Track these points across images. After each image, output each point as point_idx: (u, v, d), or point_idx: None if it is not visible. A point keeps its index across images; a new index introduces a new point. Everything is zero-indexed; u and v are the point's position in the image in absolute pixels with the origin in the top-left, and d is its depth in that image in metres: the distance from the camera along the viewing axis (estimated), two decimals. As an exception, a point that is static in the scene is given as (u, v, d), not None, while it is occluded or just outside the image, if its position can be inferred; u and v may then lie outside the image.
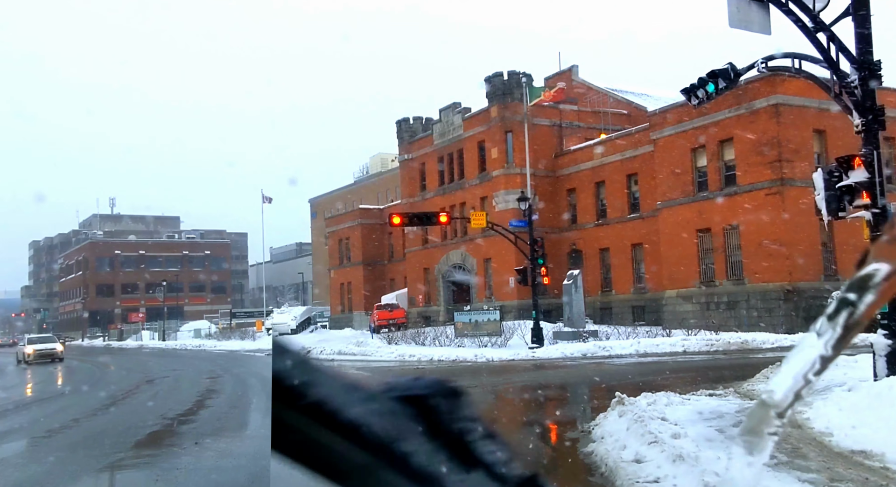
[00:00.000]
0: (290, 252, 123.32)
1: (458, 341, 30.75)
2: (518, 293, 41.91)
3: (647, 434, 6.71)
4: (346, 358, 31.37)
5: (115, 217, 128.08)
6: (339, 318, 62.92)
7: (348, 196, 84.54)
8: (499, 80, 42.89)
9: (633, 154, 38.49)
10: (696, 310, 32.85)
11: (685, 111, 33.57)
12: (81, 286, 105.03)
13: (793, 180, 29.83)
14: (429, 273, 50.10)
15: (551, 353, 25.44)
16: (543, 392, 16.91)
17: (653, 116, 35.61)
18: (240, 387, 20.51)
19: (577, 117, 44.79)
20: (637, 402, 8.80)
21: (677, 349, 24.84)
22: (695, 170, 33.47)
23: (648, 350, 24.91)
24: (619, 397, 8.96)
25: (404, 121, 51.73)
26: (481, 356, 26.16)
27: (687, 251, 33.53)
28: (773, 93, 29.77)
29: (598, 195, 41.22)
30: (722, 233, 32.10)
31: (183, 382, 23.29)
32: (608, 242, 40.19)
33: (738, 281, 31.41)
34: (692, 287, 33.26)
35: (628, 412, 7.97)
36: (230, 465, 8.90)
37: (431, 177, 49.45)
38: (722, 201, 31.98)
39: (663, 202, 34.71)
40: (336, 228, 65.23)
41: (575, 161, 42.36)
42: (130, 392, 20.81)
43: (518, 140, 42.59)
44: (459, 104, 47.30)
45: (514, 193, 42.23)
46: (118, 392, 20.62)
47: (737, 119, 31.12)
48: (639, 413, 7.67)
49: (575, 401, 14.90)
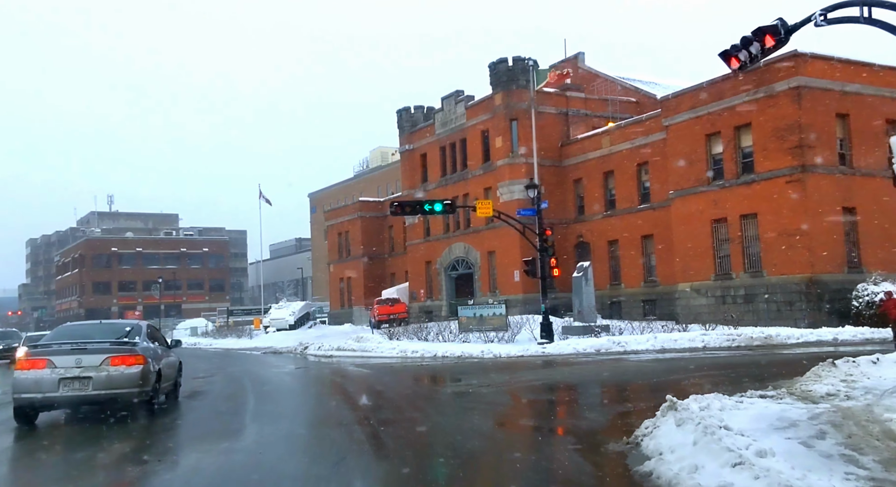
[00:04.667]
0: (289, 247, 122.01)
1: (462, 336, 29.27)
2: (523, 286, 40.48)
3: (725, 452, 5.24)
4: (344, 355, 29.91)
5: (114, 214, 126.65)
6: (339, 314, 61.48)
7: (348, 190, 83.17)
8: (503, 66, 41.34)
9: (643, 142, 36.99)
10: (710, 304, 31.40)
11: (699, 96, 32.10)
12: (78, 284, 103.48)
13: (814, 167, 28.33)
14: (430, 266, 48.62)
15: (563, 349, 23.96)
16: (564, 392, 15.25)
17: (665, 101, 34.05)
18: (232, 387, 19.04)
19: (583, 105, 43.24)
20: (689, 406, 7.33)
21: (696, 344, 23.37)
22: (710, 158, 31.94)
23: (666, 345, 23.45)
24: (670, 401, 7.45)
25: (405, 110, 50.16)
26: (488, 352, 24.69)
27: (701, 242, 32.03)
28: (795, 74, 28.25)
29: (606, 185, 39.72)
30: (739, 222, 30.59)
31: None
32: (617, 234, 38.70)
33: (756, 273, 29.92)
34: (707, 280, 31.77)
35: (687, 420, 6.51)
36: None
37: (433, 167, 47.92)
38: (739, 189, 30.49)
39: (676, 191, 33.20)
40: (335, 221, 63.75)
41: (582, 150, 40.84)
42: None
43: (523, 128, 41.05)
44: (462, 92, 45.74)
45: (518, 183, 40.80)
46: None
47: (755, 103, 29.59)
48: (704, 422, 6.19)
49: (603, 404, 13.29)
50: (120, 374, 11.50)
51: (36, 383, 11.29)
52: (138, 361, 11.74)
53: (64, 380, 11.34)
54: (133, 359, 11.72)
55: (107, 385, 11.43)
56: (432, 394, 16.38)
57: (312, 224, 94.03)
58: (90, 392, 11.39)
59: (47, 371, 11.33)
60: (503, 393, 15.05)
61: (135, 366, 11.65)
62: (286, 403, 15.32)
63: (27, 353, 12.05)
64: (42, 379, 11.28)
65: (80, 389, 11.35)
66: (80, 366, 11.41)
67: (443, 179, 46.58)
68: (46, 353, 11.69)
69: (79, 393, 11.35)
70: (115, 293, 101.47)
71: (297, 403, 15.71)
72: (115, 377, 11.48)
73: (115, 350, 11.81)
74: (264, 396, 16.44)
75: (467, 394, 15.26)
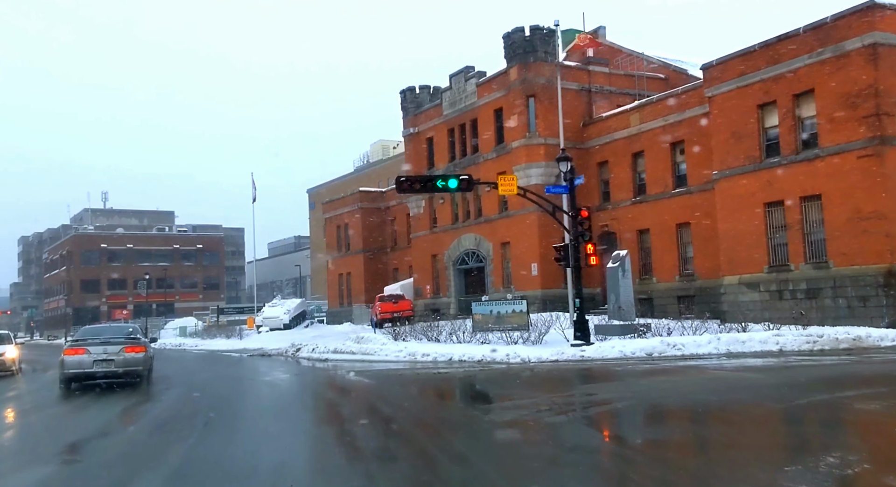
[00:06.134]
0: (288, 246, 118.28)
1: (480, 336, 25.10)
2: (542, 281, 36.36)
3: None
4: (343, 358, 25.81)
5: (108, 211, 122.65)
6: (338, 312, 57.31)
7: (348, 185, 79.14)
8: (519, 36, 37.14)
9: (678, 118, 32.81)
10: (764, 300, 27.21)
11: (751, 60, 27.92)
12: (66, 282, 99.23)
13: (894, 138, 24.14)
14: (437, 260, 44.44)
15: (605, 352, 19.81)
16: (696, 427, 9.83)
17: (709, 69, 29.79)
18: (179, 407, 14.75)
19: (607, 81, 39.03)
20: None
21: (769, 347, 19.22)
22: (762, 132, 27.74)
23: (732, 348, 19.28)
24: None
25: (409, 90, 45.96)
26: (514, 355, 20.54)
27: (752, 229, 27.84)
28: (871, 30, 24.05)
29: (635, 168, 35.52)
30: (798, 206, 26.39)
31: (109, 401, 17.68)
32: (648, 222, 34.51)
33: (821, 264, 25.72)
34: (759, 272, 27.57)
35: None
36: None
37: (440, 152, 43.74)
38: (798, 167, 26.31)
39: (721, 171, 29.01)
40: (334, 213, 59.61)
41: (608, 129, 36.65)
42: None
43: (542, 105, 36.88)
44: (472, 68, 41.57)
45: (536, 167, 36.68)
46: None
47: (820, 65, 25.42)
48: None
49: (803, 460, 7.60)
50: (132, 358, 17.51)
51: (79, 363, 17.24)
52: (143, 349, 18.17)
53: (97, 361, 17.31)
54: (140, 348, 17.95)
55: (124, 364, 17.45)
56: (472, 426, 10.92)
57: (311, 221, 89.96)
58: (112, 368, 17.39)
59: (85, 355, 17.23)
60: (582, 425, 10.35)
61: (141, 353, 17.86)
62: (238, 446, 9.81)
63: (71, 345, 18.10)
64: (83, 360, 17.22)
65: (107, 367, 17.33)
66: (106, 353, 17.36)
67: (451, 164, 42.36)
68: (84, 344, 17.65)
69: (106, 369, 17.31)
70: (105, 291, 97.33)
71: (254, 445, 9.90)
72: (129, 359, 17.47)
73: (128, 342, 17.93)
74: (213, 430, 11.28)
75: (525, 426, 10.32)
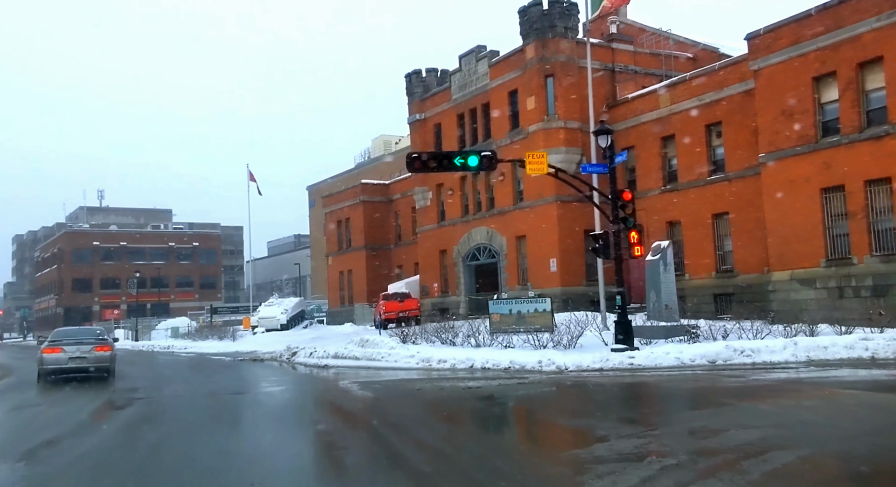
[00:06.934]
0: (288, 244, 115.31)
1: (501, 339, 21.87)
2: (562, 278, 33.20)
3: None
4: (345, 364, 22.63)
5: (103, 209, 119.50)
6: (338, 312, 54.07)
7: (349, 181, 75.69)
8: (536, 10, 33.95)
9: (714, 97, 29.64)
10: (821, 298, 23.98)
11: (806, 26, 24.73)
12: (57, 281, 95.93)
13: (979, 110, 20.97)
14: (445, 256, 41.23)
15: (659, 359, 16.59)
16: None
17: (755, 39, 26.55)
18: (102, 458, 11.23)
19: (632, 60, 35.86)
20: None
21: (858, 354, 15.99)
22: (818, 108, 24.54)
23: (812, 354, 16.07)
24: None
25: (415, 73, 42.78)
26: (548, 362, 17.33)
27: (806, 219, 24.65)
28: (954, -15, 20.92)
29: (664, 153, 32.34)
30: (863, 191, 23.17)
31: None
32: (679, 213, 31.33)
33: (890, 256, 22.53)
34: (815, 266, 24.38)
35: None
36: None
37: (449, 139, 40.54)
38: (862, 147, 23.11)
39: (769, 153, 25.81)
40: (334, 208, 56.39)
41: (634, 111, 33.45)
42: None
43: (561, 86, 33.70)
44: (484, 47, 38.38)
45: (556, 153, 33.45)
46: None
47: (890, 29, 22.23)
48: None
49: None
50: (102, 355, 21.18)
51: (56, 360, 20.64)
52: (110, 348, 22.03)
53: (72, 358, 20.75)
54: (108, 348, 21.83)
55: (94, 361, 21.03)
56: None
57: (311, 219, 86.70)
58: (85, 365, 20.87)
59: (62, 354, 20.67)
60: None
61: (108, 351, 21.60)
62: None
63: (49, 344, 21.23)
64: (59, 358, 20.64)
65: (80, 363, 20.79)
66: (80, 351, 20.90)
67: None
68: (59, 344, 21.09)
69: (79, 365, 20.76)
70: (97, 290, 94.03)
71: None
72: (98, 357, 21.09)
73: (97, 342, 21.83)
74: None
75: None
